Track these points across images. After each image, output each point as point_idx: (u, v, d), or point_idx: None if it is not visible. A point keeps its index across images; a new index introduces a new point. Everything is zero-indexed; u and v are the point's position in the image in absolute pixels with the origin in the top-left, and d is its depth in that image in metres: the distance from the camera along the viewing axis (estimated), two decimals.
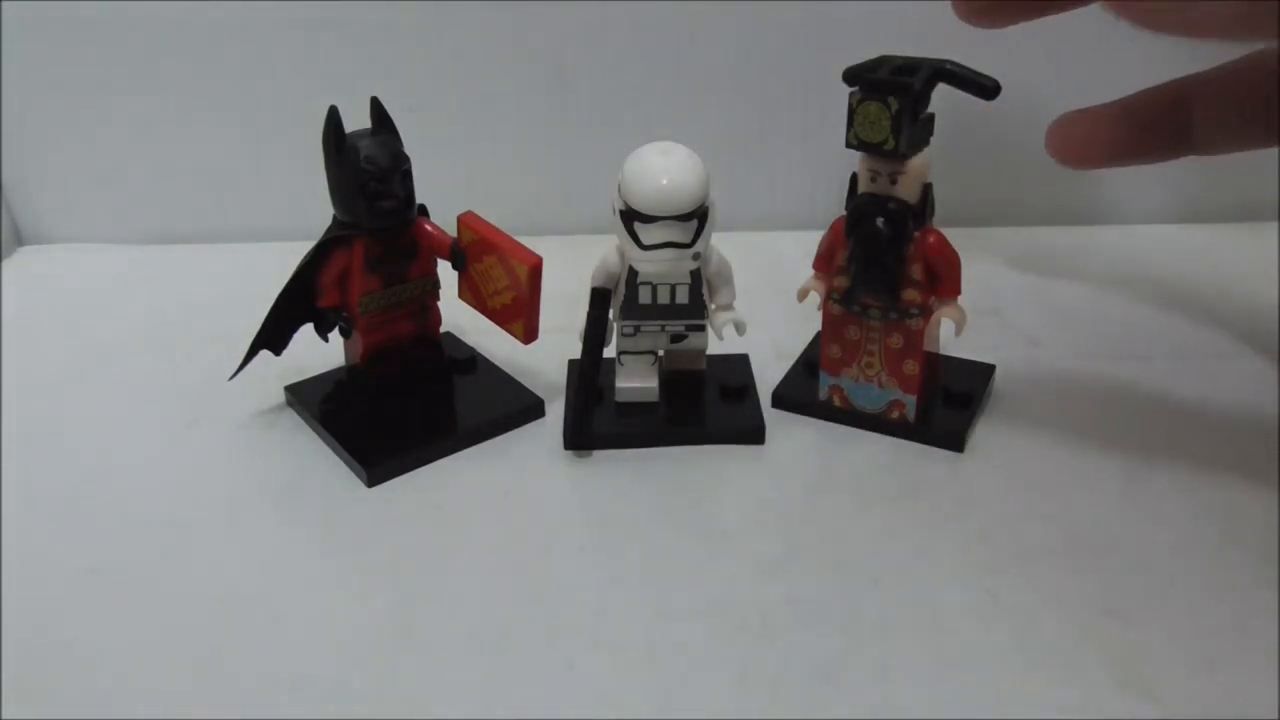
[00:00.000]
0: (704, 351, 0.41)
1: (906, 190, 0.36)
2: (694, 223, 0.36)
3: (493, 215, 0.40)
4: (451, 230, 0.40)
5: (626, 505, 0.36)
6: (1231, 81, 0.31)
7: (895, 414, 0.39)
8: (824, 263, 0.39)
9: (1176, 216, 0.57)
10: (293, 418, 0.41)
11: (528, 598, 0.32)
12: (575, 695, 0.29)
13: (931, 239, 0.37)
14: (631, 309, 0.39)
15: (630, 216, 0.36)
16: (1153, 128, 0.32)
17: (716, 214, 0.37)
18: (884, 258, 0.36)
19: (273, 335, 0.40)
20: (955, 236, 0.37)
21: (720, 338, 0.39)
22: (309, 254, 0.39)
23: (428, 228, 0.40)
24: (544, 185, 0.57)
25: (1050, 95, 0.54)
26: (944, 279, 0.37)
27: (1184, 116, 0.31)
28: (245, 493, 0.37)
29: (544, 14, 0.53)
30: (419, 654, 0.30)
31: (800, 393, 0.41)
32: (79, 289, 0.53)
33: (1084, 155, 0.33)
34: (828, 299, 0.39)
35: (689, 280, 0.38)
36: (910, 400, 0.39)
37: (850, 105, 0.35)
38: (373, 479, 0.37)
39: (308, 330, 0.41)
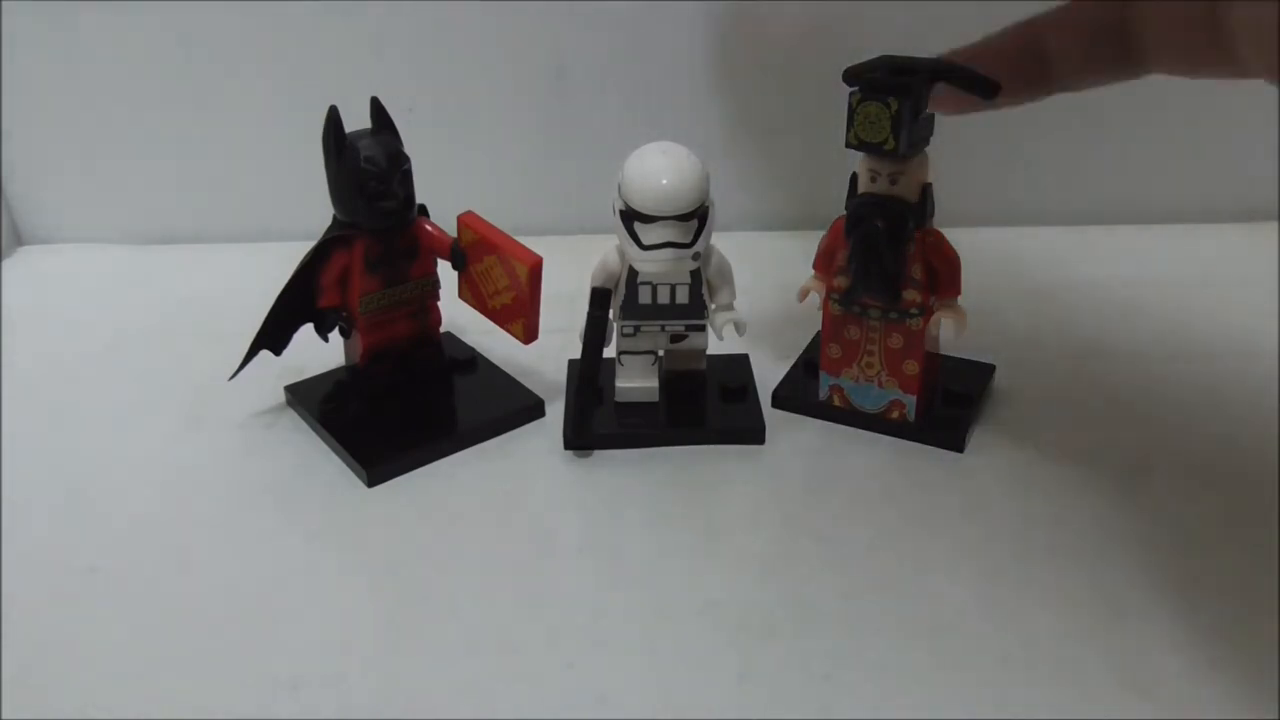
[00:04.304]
0: (704, 351, 0.41)
1: (906, 190, 0.36)
2: (694, 223, 0.36)
3: (492, 215, 0.40)
4: (451, 230, 0.40)
5: (626, 505, 0.36)
6: (1081, 11, 0.31)
7: (895, 414, 0.39)
8: (824, 263, 0.39)
9: (1176, 216, 0.57)
10: (293, 418, 0.41)
11: (528, 598, 0.32)
12: (575, 695, 0.29)
13: (931, 239, 0.37)
14: (631, 309, 0.39)
15: (630, 216, 0.36)
16: (1010, 68, 0.33)
17: (716, 214, 0.37)
18: (884, 258, 0.36)
19: (273, 335, 0.40)
20: (955, 236, 0.37)
21: (720, 338, 0.39)
22: (309, 254, 0.39)
23: (428, 228, 0.40)
24: (544, 185, 0.57)
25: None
26: (944, 279, 0.37)
27: (1041, 54, 0.32)
28: (245, 493, 0.37)
29: (544, 14, 0.53)
30: (419, 654, 0.30)
31: (800, 393, 0.41)
32: (79, 289, 0.53)
33: (953, 102, 0.34)
34: (828, 299, 0.39)
35: (689, 280, 0.38)
36: (910, 400, 0.39)
37: (850, 105, 0.35)
38: (373, 479, 0.37)
39: (308, 330, 0.41)
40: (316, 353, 0.41)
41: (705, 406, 0.40)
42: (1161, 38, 0.29)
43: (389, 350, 0.41)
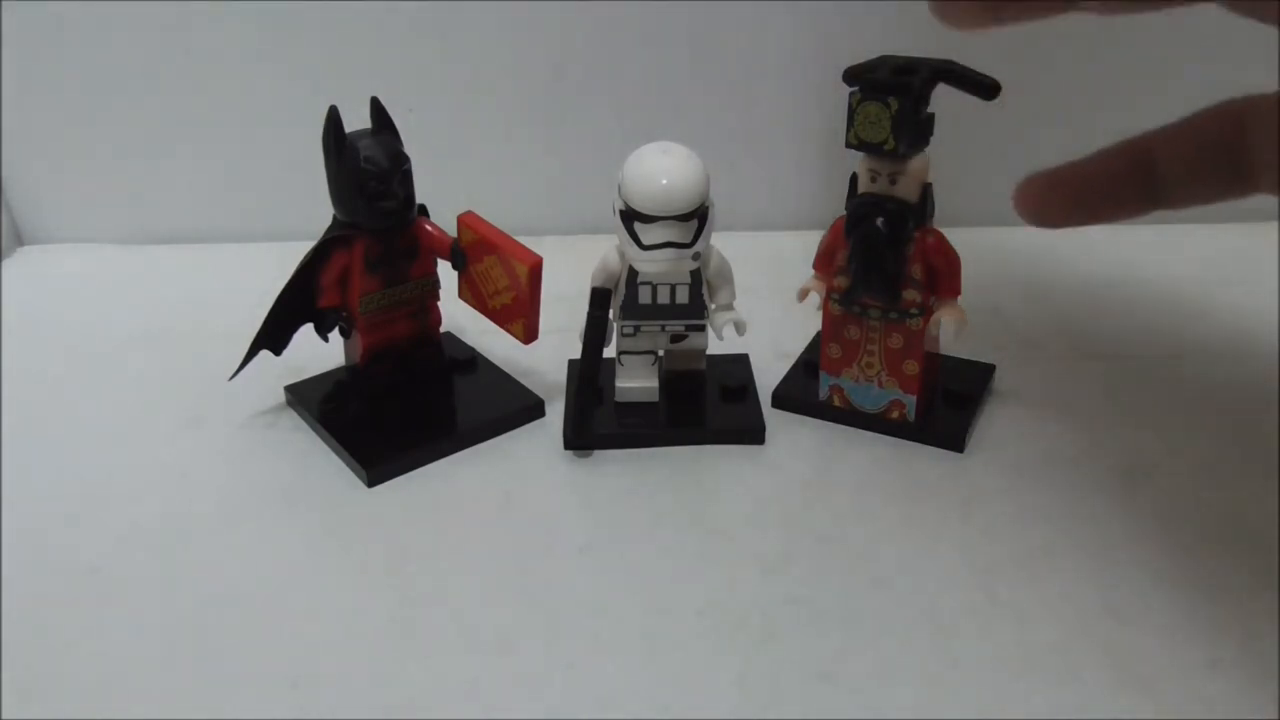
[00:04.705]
0: (704, 351, 0.41)
1: (906, 190, 0.36)
2: (694, 223, 0.36)
3: (492, 215, 0.40)
4: (451, 230, 0.40)
5: (627, 505, 0.36)
6: (1195, 131, 0.31)
7: (895, 414, 0.39)
8: (824, 263, 0.39)
9: (1176, 217, 0.57)
10: (293, 418, 0.41)
11: (528, 598, 0.32)
12: (575, 696, 0.29)
13: (931, 239, 0.37)
14: (632, 309, 0.39)
15: (630, 216, 0.36)
16: (1116, 186, 0.33)
17: (716, 214, 0.37)
18: (884, 258, 0.36)
19: (273, 335, 0.40)
20: (955, 236, 0.37)
21: (720, 338, 0.39)
22: (309, 254, 0.39)
23: (428, 228, 0.40)
24: (544, 185, 0.57)
25: (1051, 95, 0.55)
26: (944, 279, 0.37)
27: (1147, 172, 0.32)
28: (245, 493, 0.37)
29: (544, 14, 0.53)
30: (419, 654, 0.30)
31: (800, 392, 0.41)
32: (79, 289, 0.53)
33: (1048, 216, 0.34)
34: (828, 299, 0.39)
35: (689, 280, 0.38)
36: (910, 400, 0.39)
37: (850, 105, 0.35)
38: (373, 479, 0.37)
39: (308, 330, 0.41)
40: (316, 353, 0.41)
41: (705, 406, 0.40)
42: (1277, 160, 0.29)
43: (389, 350, 0.41)
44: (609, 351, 0.39)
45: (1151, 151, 0.32)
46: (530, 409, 0.41)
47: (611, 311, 0.39)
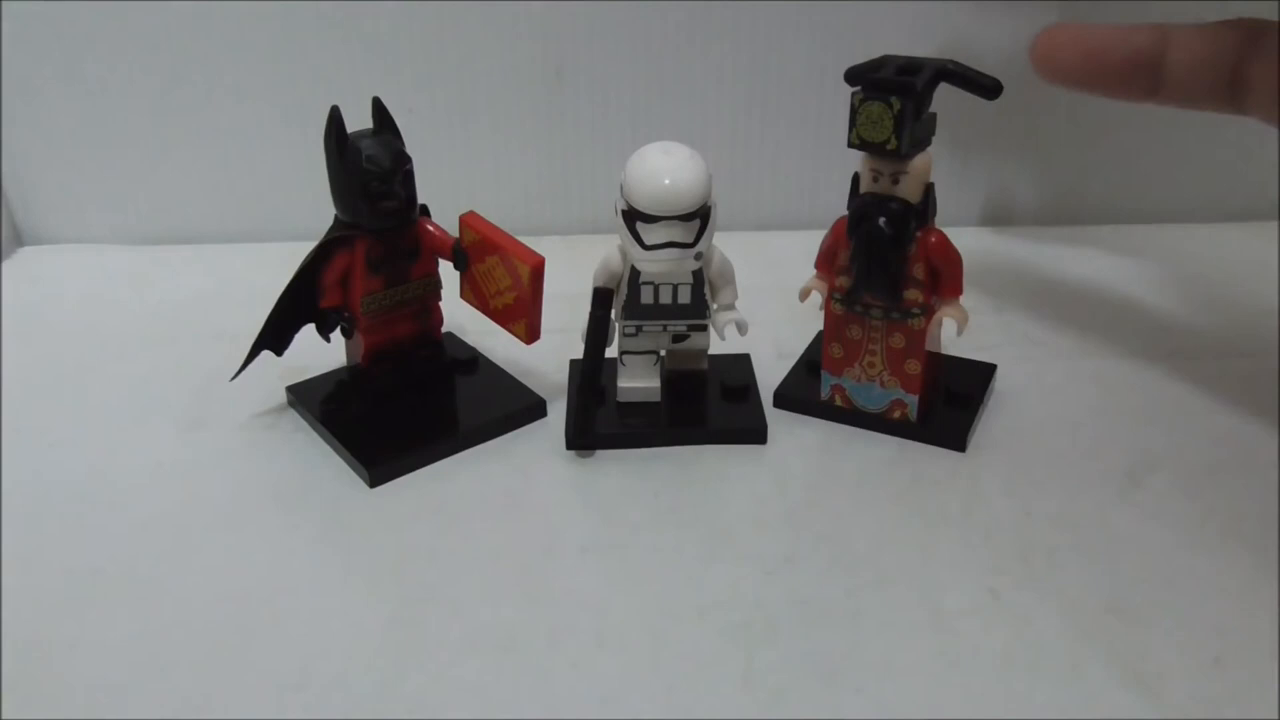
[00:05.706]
0: (706, 351, 0.41)
1: (908, 190, 0.36)
2: (696, 222, 0.36)
3: (493, 215, 0.40)
4: (453, 230, 0.40)
5: (628, 505, 0.36)
6: (1209, 37, 0.32)
7: (897, 413, 0.39)
8: (826, 262, 0.39)
9: (1176, 216, 0.57)
10: (294, 418, 0.41)
11: (530, 598, 0.32)
12: (577, 696, 0.29)
13: (933, 238, 0.37)
14: (633, 309, 0.39)
15: (632, 216, 0.36)
16: (1127, 60, 0.34)
17: (718, 214, 0.37)
18: (886, 258, 0.36)
19: (274, 336, 0.40)
20: (956, 236, 0.37)
21: (722, 337, 0.39)
22: (311, 254, 0.39)
23: (429, 228, 0.40)
24: (544, 185, 0.57)
25: (1052, 94, 0.55)
26: (946, 278, 0.37)
27: (1157, 59, 0.33)
28: (247, 493, 0.37)
29: (543, 14, 0.53)
30: (421, 654, 0.30)
31: (802, 392, 0.41)
32: (79, 289, 0.53)
33: (1058, 68, 0.35)
34: (830, 299, 0.39)
35: (691, 280, 0.38)
36: (912, 400, 0.39)
37: (852, 105, 0.35)
38: (375, 479, 0.37)
39: (309, 331, 0.41)
40: (318, 353, 0.41)
41: (707, 406, 0.40)
42: (1266, 89, 0.30)
43: (391, 350, 0.41)
44: (611, 351, 0.39)
45: (1167, 42, 0.33)
46: (532, 409, 0.41)
47: (613, 311, 0.39)
